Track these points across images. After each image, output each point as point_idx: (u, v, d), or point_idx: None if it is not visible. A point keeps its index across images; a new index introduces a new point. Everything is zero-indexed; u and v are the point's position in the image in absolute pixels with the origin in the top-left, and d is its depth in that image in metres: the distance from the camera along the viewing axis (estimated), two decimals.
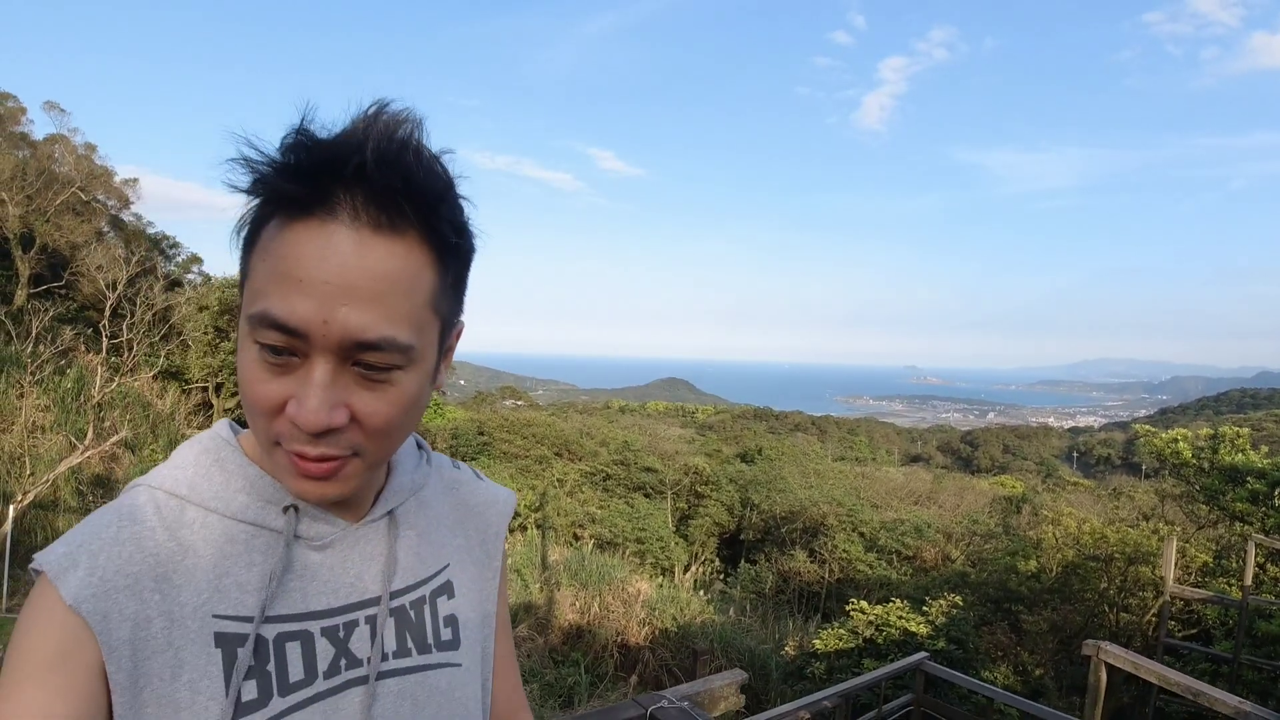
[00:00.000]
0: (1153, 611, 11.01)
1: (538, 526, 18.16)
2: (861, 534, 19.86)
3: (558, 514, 19.70)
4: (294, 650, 0.80)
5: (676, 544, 21.11)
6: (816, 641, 9.92)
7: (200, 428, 16.73)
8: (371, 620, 0.86)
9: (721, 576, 20.25)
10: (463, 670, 0.93)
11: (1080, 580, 12.37)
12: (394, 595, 0.89)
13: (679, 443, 31.62)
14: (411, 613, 0.90)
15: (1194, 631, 10.83)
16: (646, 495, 23.54)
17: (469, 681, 0.94)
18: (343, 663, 0.82)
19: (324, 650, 0.82)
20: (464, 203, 0.78)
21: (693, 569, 20.01)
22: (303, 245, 0.70)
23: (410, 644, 0.88)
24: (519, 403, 57.57)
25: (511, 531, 17.52)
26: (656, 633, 11.88)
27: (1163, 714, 8.79)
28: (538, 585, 12.68)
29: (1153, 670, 5.55)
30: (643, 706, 2.27)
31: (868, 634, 9.40)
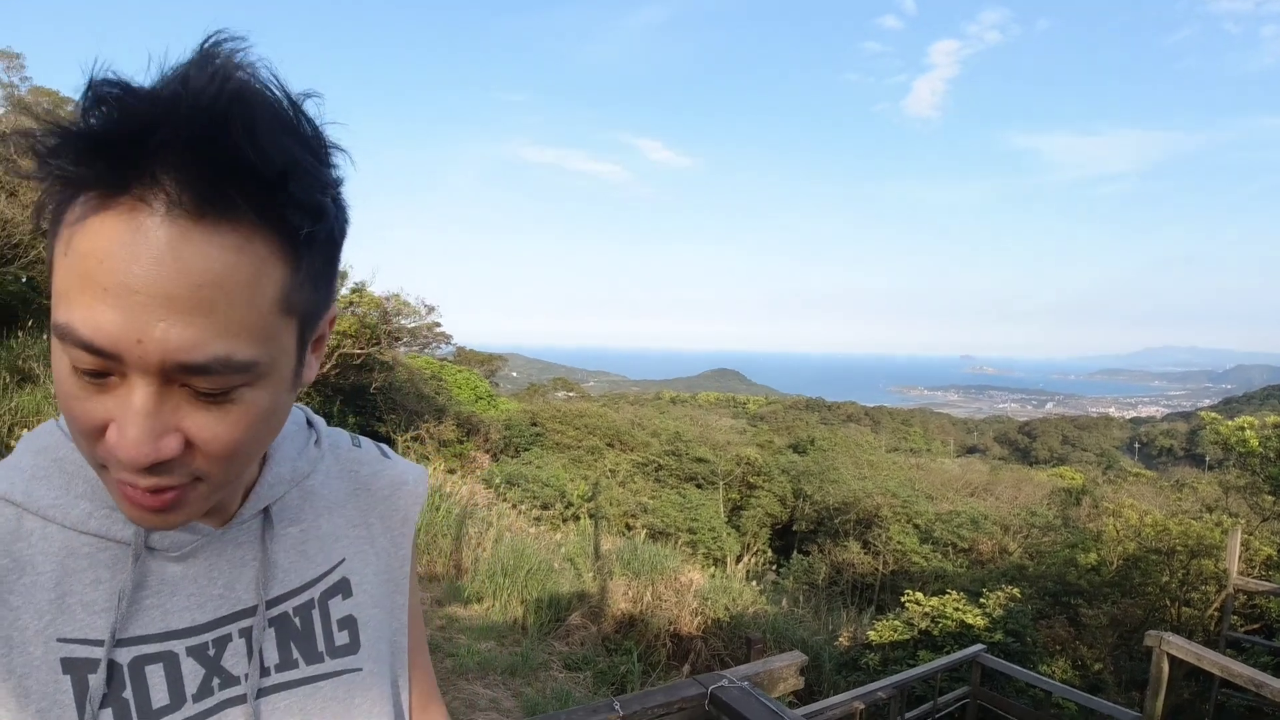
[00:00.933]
0: (1215, 605, 10.78)
1: (590, 516, 18.32)
2: (916, 525, 19.71)
3: (610, 504, 19.85)
4: (155, 673, 0.71)
5: (729, 534, 21.16)
6: (871, 633, 9.89)
7: None
8: (247, 633, 0.77)
9: (774, 567, 20.23)
10: (364, 675, 0.84)
11: (1141, 573, 12.14)
12: (272, 603, 0.79)
13: (730, 433, 31.61)
14: (297, 619, 0.80)
15: (1257, 626, 10.58)
16: (698, 485, 23.61)
17: (373, 685, 0.85)
18: (215, 682, 0.74)
19: (191, 671, 0.73)
20: (336, 163, 0.64)
21: (745, 559, 20.00)
22: (108, 241, 0.55)
23: (297, 654, 0.79)
24: (571, 394, 57.96)
25: (565, 521, 17.73)
26: (709, 622, 11.93)
27: (1223, 709, 8.61)
28: (591, 574, 12.82)
29: (1216, 662, 5.46)
30: (704, 685, 2.32)
31: (923, 626, 9.35)
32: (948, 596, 9.78)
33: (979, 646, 7.66)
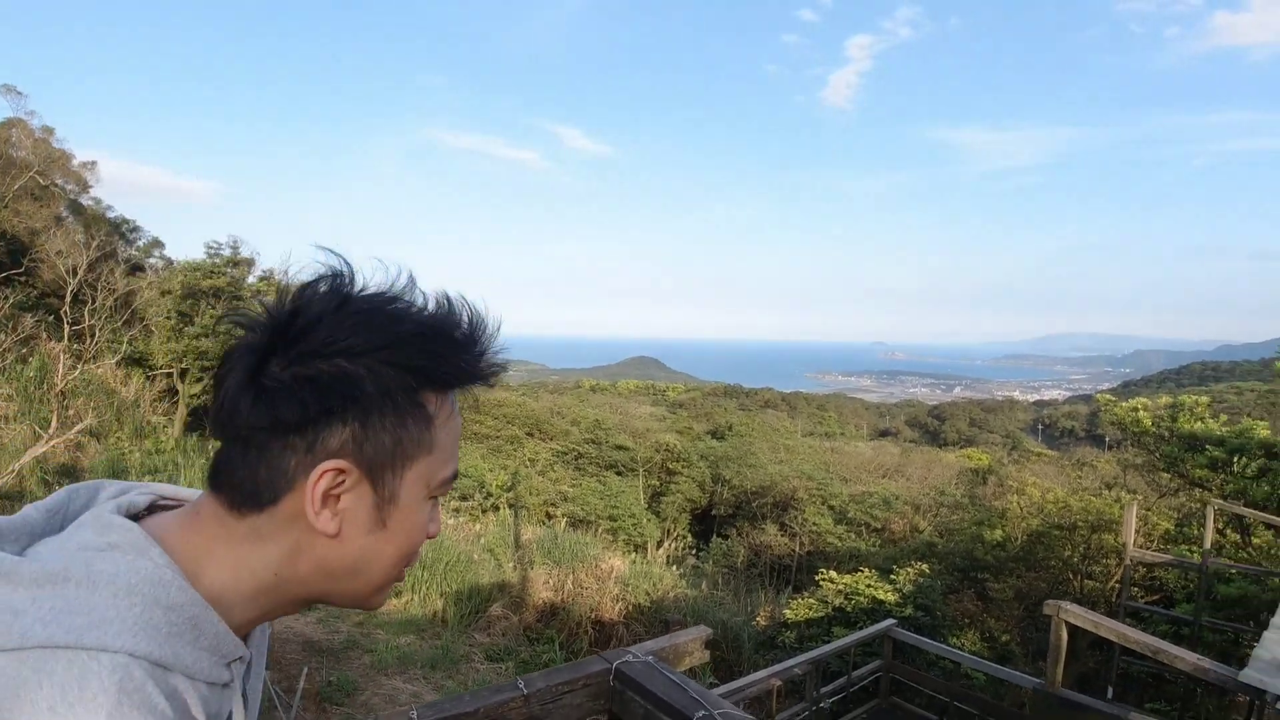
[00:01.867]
0: (1116, 578, 11.28)
1: (510, 506, 18.19)
2: (831, 507, 20.13)
3: (530, 493, 19.73)
4: None
5: (649, 520, 21.26)
6: (787, 611, 10.07)
7: (166, 414, 16.52)
8: None
9: (694, 552, 20.43)
10: None
11: (1045, 548, 12.63)
12: None
13: (650, 421, 31.76)
14: None
15: (1157, 597, 11.12)
16: (618, 473, 23.65)
17: None
18: None
19: None
20: None
21: (665, 545, 20.15)
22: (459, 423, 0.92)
23: None
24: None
25: (484, 512, 17.55)
26: (630, 608, 11.97)
27: (1126, 676, 9.03)
28: (511, 565, 12.73)
29: (1113, 629, 5.70)
30: (609, 661, 2.32)
31: (837, 603, 9.57)
32: (860, 574, 10.02)
33: (890, 621, 7.86)
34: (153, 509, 0.87)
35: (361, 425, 0.82)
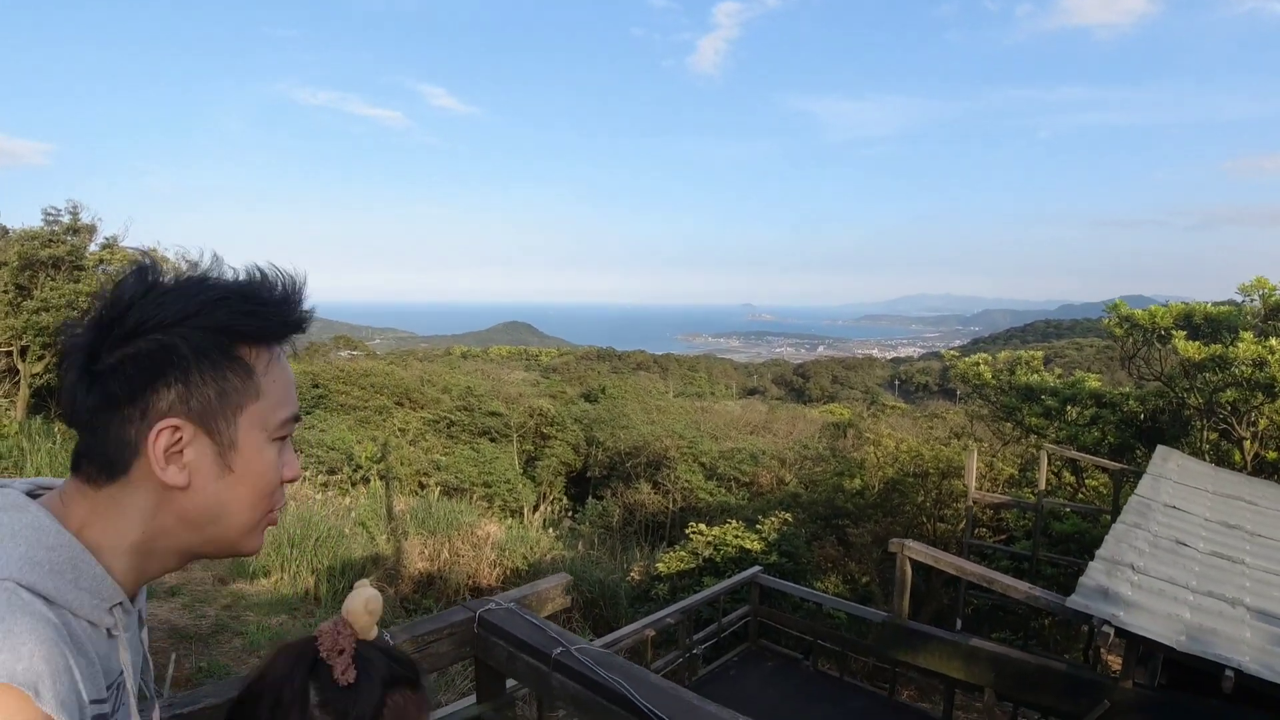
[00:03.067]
0: (964, 520, 12.12)
1: (381, 478, 17.86)
2: (702, 464, 20.67)
3: (401, 463, 19.41)
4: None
5: (524, 485, 21.30)
6: (659, 565, 10.37)
7: (6, 396, 15.33)
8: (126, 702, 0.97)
9: (570, 514, 20.62)
10: None
11: (900, 495, 13.38)
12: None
13: (523, 386, 31.64)
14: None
15: (1003, 537, 11.99)
16: (492, 439, 23.53)
17: None
18: None
19: None
20: None
21: (541, 509, 20.25)
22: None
23: None
24: (355, 352, 55.65)
25: (354, 485, 17.18)
26: (508, 572, 12.05)
27: (977, 610, 9.75)
28: (385, 537, 12.55)
29: (950, 563, 6.18)
30: (472, 610, 2.44)
31: (707, 554, 9.91)
32: (728, 525, 10.40)
33: (756, 568, 8.24)
34: (33, 495, 0.98)
35: (184, 385, 0.95)
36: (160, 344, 0.93)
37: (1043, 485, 9.44)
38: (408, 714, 1.04)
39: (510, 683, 2.67)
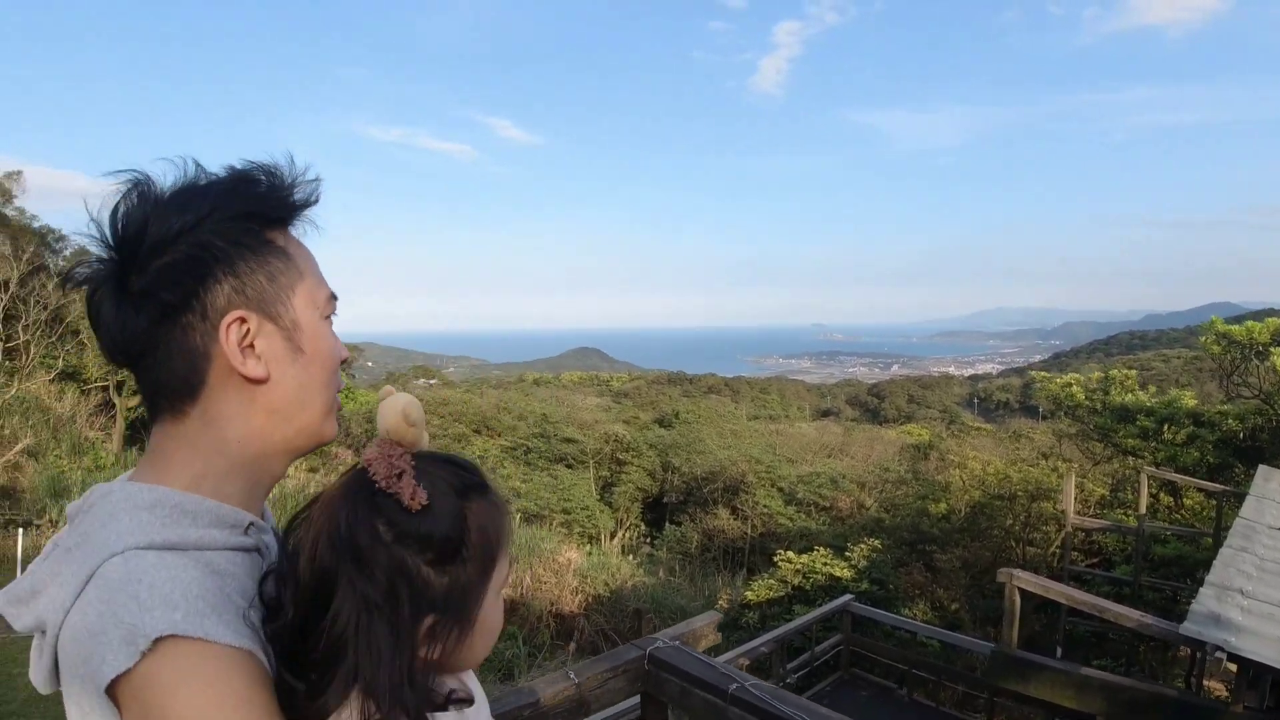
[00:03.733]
0: (1056, 544, 11.74)
1: None
2: (780, 489, 20.47)
3: None
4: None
5: (602, 511, 21.38)
6: (748, 593, 10.30)
7: (102, 429, 16.08)
8: None
9: (648, 540, 20.61)
10: None
11: (987, 518, 13.06)
12: None
13: (596, 411, 31.83)
14: None
15: (1095, 560, 11.60)
16: (568, 466, 23.70)
17: None
18: None
19: None
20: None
21: (619, 535, 20.30)
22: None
23: None
24: (432, 381, 56.83)
25: None
26: (590, 599, 12.09)
27: (1071, 636, 9.44)
28: None
29: (1061, 591, 6.01)
30: (642, 648, 2.56)
31: (795, 582, 9.81)
32: (816, 553, 10.28)
33: (848, 596, 8.13)
34: None
35: (235, 276, 0.93)
36: (194, 244, 0.91)
37: (1143, 509, 9.13)
38: (490, 520, 0.93)
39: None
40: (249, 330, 0.93)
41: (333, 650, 0.84)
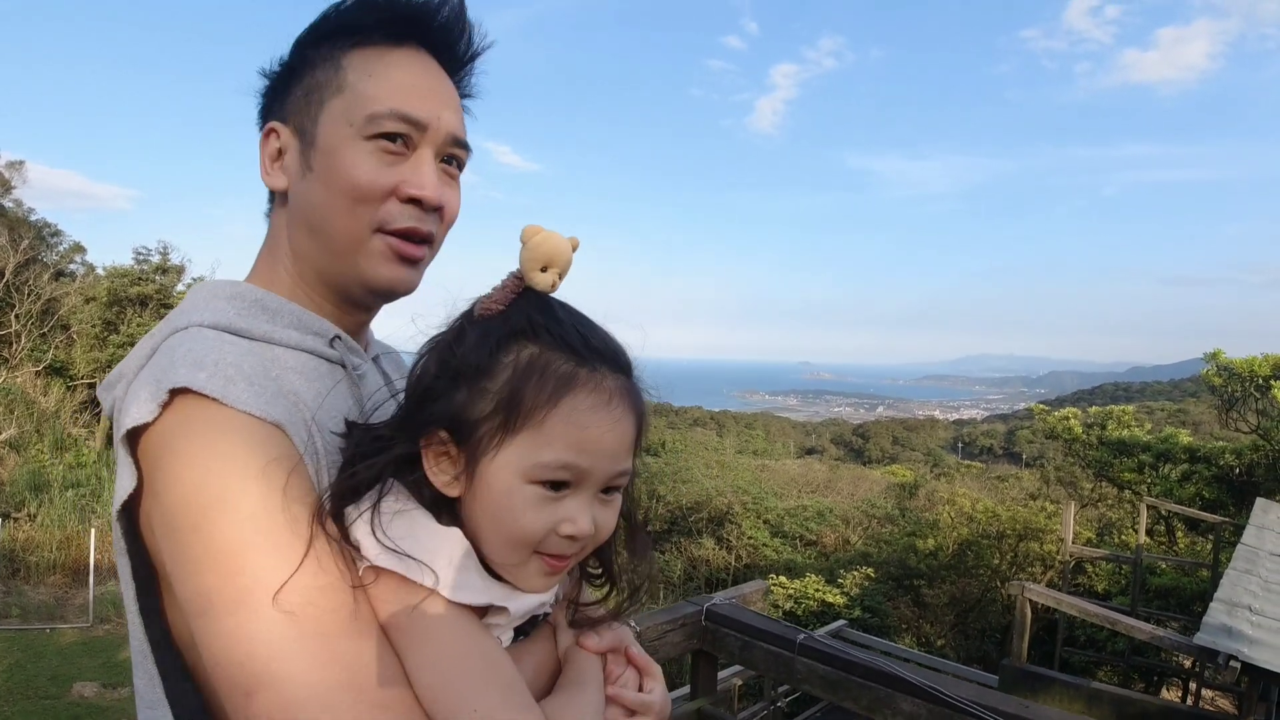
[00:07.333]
0: (1045, 582, 11.74)
1: None
2: (767, 520, 20.36)
3: None
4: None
5: None
6: None
7: (86, 427, 15.86)
8: None
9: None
10: None
11: (974, 555, 13.04)
12: None
13: None
14: None
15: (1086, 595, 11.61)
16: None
17: None
18: None
19: None
20: None
21: None
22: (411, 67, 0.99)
23: None
24: None
25: None
26: None
27: (1066, 663, 9.43)
28: None
29: (1074, 604, 6.03)
30: (699, 605, 2.63)
31: (788, 606, 9.73)
32: (808, 579, 10.22)
33: (841, 622, 8.07)
34: None
35: (285, 89, 0.99)
36: (281, 64, 0.99)
37: (1142, 538, 9.16)
38: (538, 382, 0.80)
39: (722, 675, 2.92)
40: (279, 142, 0.97)
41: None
